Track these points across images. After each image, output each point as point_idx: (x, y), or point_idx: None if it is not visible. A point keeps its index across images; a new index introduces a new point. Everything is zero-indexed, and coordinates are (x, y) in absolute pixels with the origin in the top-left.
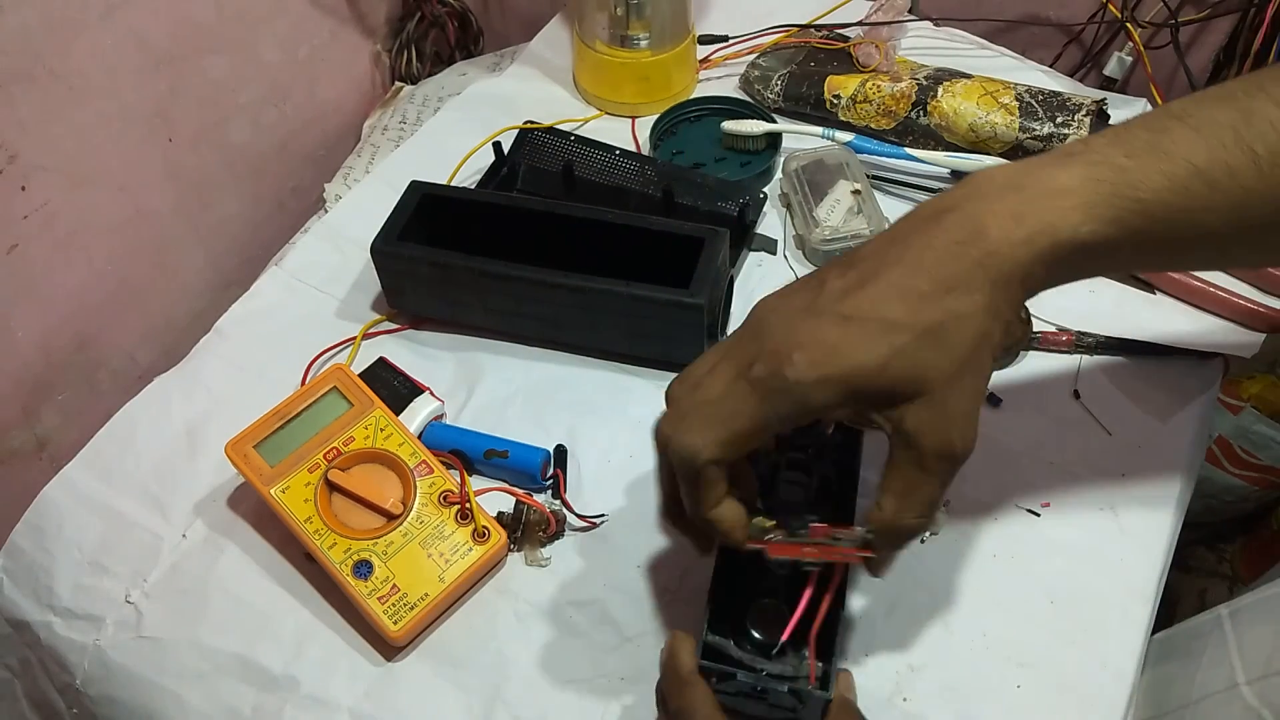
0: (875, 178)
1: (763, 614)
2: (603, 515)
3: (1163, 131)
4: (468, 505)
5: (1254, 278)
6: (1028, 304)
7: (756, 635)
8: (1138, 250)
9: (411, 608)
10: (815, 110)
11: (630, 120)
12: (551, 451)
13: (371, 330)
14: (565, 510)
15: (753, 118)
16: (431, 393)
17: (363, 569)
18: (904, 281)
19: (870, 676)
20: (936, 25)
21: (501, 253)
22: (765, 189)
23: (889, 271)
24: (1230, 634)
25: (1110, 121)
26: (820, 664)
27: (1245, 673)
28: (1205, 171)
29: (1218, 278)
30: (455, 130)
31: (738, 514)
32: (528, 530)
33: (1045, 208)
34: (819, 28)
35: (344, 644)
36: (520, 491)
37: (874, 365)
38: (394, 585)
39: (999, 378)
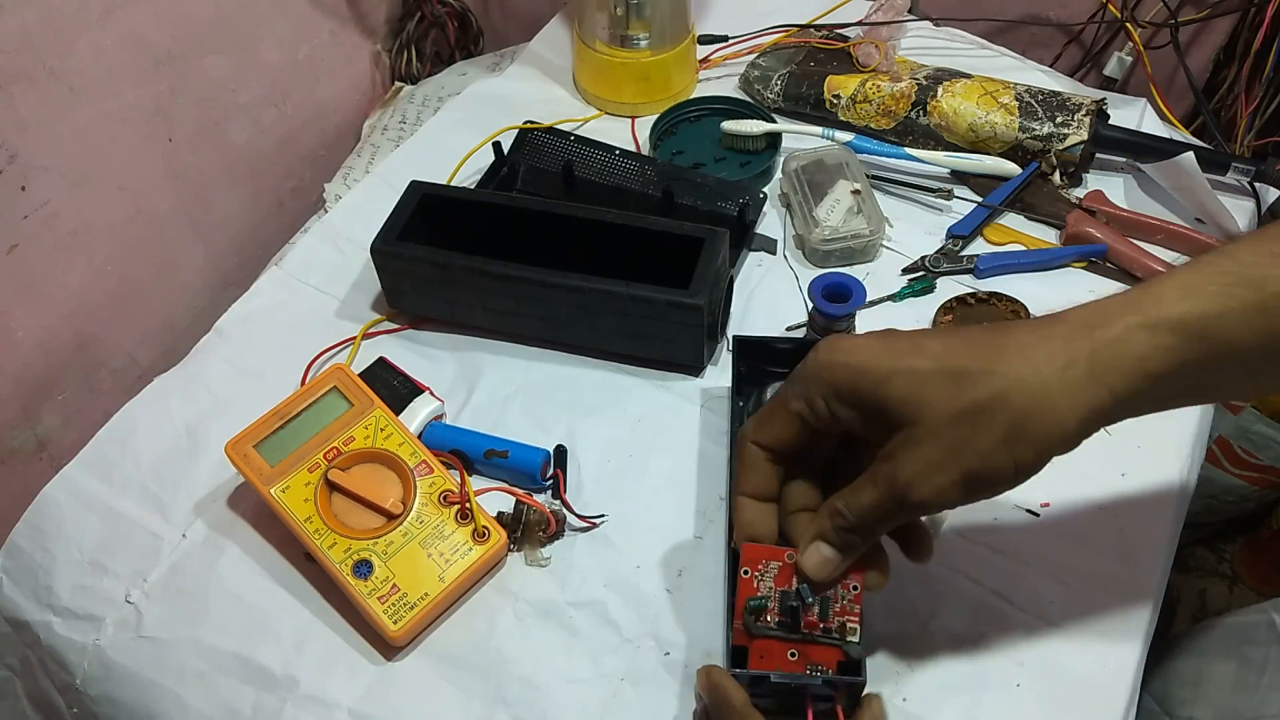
0: (875, 178)
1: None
2: (603, 515)
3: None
4: (468, 505)
5: None
6: (1028, 304)
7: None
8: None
9: (411, 607)
10: (815, 110)
11: (630, 120)
12: (551, 451)
13: (371, 330)
14: (565, 510)
15: (753, 118)
16: (431, 393)
17: (363, 569)
18: (972, 333)
19: (870, 676)
20: (936, 25)
21: (501, 253)
22: (765, 189)
23: (973, 329)
24: None
25: (1110, 121)
26: (851, 641)
27: None
28: None
29: None
30: (455, 130)
31: (757, 518)
32: (528, 530)
33: (1158, 294)
34: (819, 28)
35: (344, 644)
36: (520, 491)
37: (879, 373)
38: (394, 585)
39: None
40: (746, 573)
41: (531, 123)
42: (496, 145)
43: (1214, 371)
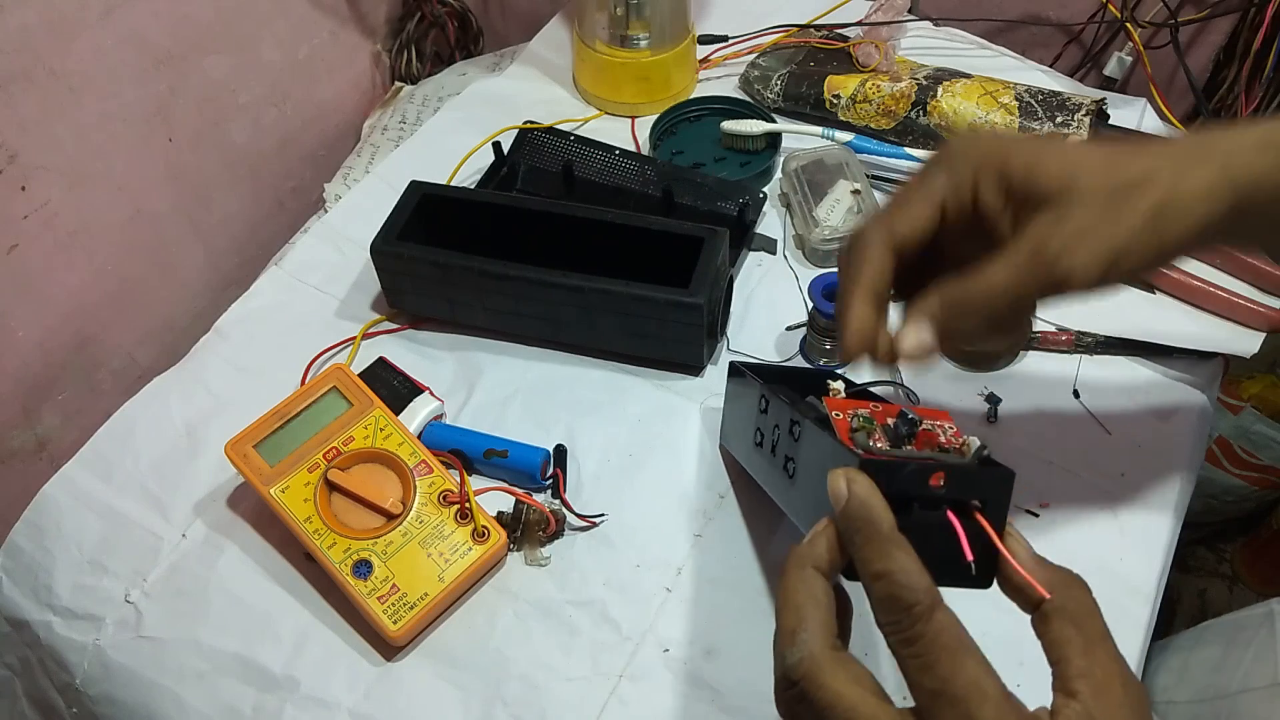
0: (875, 177)
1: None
2: (602, 514)
3: None
4: (467, 505)
5: (1254, 277)
6: None
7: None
8: None
9: (411, 607)
10: (815, 110)
11: (630, 120)
12: (551, 451)
13: (371, 330)
14: (565, 510)
15: (752, 117)
16: (431, 392)
17: (362, 569)
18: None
19: None
20: (936, 25)
21: (501, 253)
22: (765, 189)
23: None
24: (1279, 631)
25: (1110, 121)
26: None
27: None
28: None
29: (1218, 278)
30: (455, 130)
31: (868, 323)
32: (527, 530)
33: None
34: (819, 28)
35: (344, 644)
36: (520, 491)
37: (1031, 151)
38: (393, 585)
39: (999, 377)
40: (839, 415)
41: (531, 123)
42: (496, 145)
43: None
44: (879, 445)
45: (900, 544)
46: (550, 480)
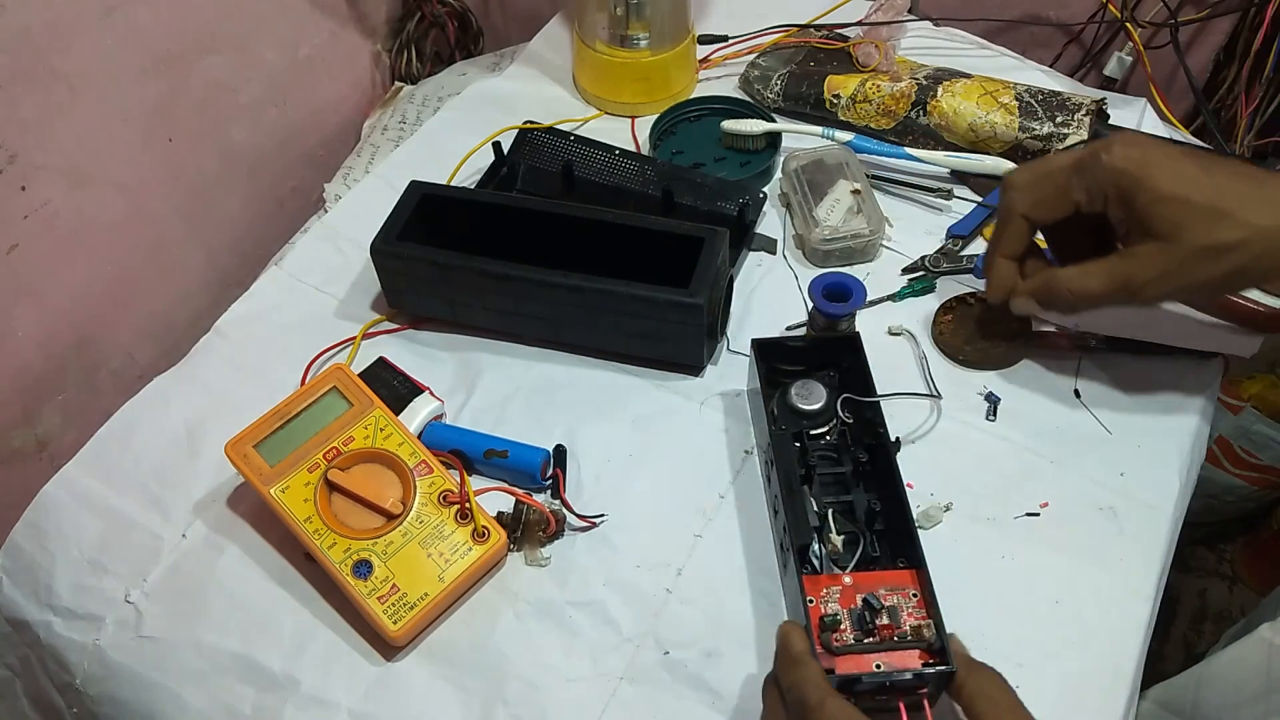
0: (875, 177)
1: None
2: (602, 515)
3: None
4: (467, 505)
5: None
6: None
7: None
8: None
9: (411, 607)
10: (815, 110)
11: (630, 120)
12: (551, 451)
13: (371, 330)
14: (565, 510)
15: (752, 117)
16: (431, 392)
17: (362, 569)
18: (1243, 170)
19: None
20: (936, 25)
21: (501, 253)
22: (765, 189)
23: (1247, 165)
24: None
25: (1110, 121)
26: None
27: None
28: None
29: None
30: (455, 130)
31: (1008, 275)
32: (527, 530)
33: None
34: (819, 27)
35: (344, 644)
36: (520, 491)
37: (1159, 193)
38: (394, 585)
39: (999, 376)
40: (812, 601)
41: (531, 123)
42: (496, 145)
43: None
44: (844, 640)
45: (805, 662)
46: (550, 480)
